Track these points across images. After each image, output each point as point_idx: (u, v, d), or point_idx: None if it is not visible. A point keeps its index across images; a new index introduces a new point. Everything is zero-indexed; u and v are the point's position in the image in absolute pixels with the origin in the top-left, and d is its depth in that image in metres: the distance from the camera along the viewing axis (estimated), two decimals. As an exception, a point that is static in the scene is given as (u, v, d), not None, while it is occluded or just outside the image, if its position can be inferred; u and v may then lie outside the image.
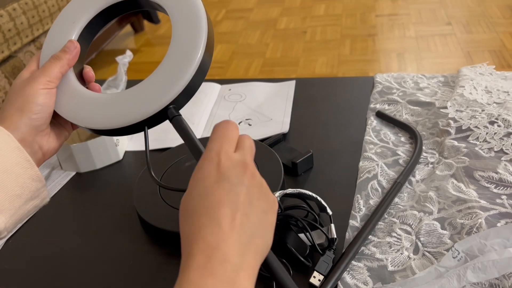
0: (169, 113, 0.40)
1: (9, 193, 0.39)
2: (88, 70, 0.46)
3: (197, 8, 0.42)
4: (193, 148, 0.39)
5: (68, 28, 0.45)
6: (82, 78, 0.46)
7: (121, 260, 0.53)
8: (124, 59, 0.87)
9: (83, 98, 0.43)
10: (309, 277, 0.46)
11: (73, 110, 0.43)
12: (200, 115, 0.77)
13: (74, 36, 0.45)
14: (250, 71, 2.00)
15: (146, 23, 2.51)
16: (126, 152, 0.71)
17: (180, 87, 0.40)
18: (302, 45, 2.17)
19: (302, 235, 0.50)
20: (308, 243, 0.49)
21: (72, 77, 0.44)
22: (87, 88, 0.46)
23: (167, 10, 0.42)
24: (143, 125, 0.41)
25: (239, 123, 0.75)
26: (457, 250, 0.44)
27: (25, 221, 0.42)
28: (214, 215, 0.31)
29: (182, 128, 0.40)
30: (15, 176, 0.39)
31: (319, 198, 0.51)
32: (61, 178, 0.67)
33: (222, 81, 0.88)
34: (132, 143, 0.73)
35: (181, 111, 0.41)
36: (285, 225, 0.50)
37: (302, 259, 0.47)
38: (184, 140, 0.40)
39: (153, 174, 0.41)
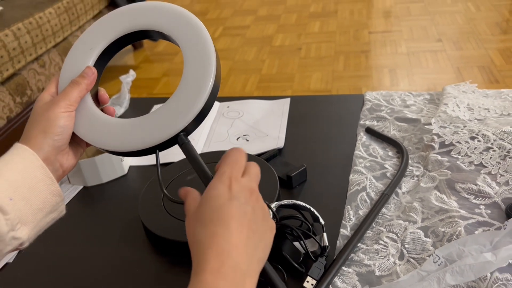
0: (179, 139, 0.45)
1: (32, 207, 0.42)
2: (103, 93, 0.50)
3: (206, 42, 0.46)
4: (200, 172, 0.43)
5: (86, 54, 0.49)
6: (97, 100, 0.50)
7: (126, 268, 0.57)
8: (128, 78, 0.91)
9: (99, 122, 0.47)
10: (303, 282, 0.50)
11: (90, 132, 0.47)
12: (200, 131, 0.82)
13: (91, 62, 0.49)
14: (247, 87, 2.06)
15: (145, 40, 2.57)
16: (131, 167, 0.75)
17: (191, 117, 0.44)
18: (297, 61, 2.23)
19: (296, 243, 0.54)
20: (302, 251, 0.53)
21: (89, 100, 0.48)
22: (102, 109, 0.50)
23: (178, 43, 0.47)
24: (154, 149, 0.45)
25: (237, 139, 0.79)
26: (437, 256, 0.48)
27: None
28: (227, 226, 0.35)
29: (190, 154, 0.44)
30: (38, 191, 0.43)
31: (312, 209, 0.56)
32: (70, 192, 0.71)
33: (220, 99, 0.92)
34: (136, 158, 0.77)
35: None
36: (281, 234, 0.54)
37: (296, 265, 0.51)
38: (192, 164, 0.44)
39: (165, 191, 0.45)
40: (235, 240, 0.35)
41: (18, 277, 0.58)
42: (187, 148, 0.45)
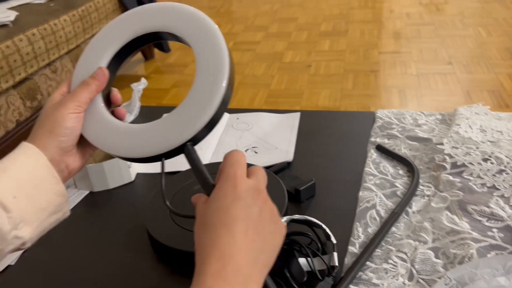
0: (186, 149, 0.43)
1: (36, 207, 0.42)
2: (116, 93, 0.50)
3: (219, 46, 0.44)
4: (203, 183, 0.41)
5: (100, 54, 0.48)
6: (108, 101, 0.50)
7: (129, 275, 0.56)
8: (139, 86, 0.92)
9: (108, 126, 0.46)
10: (308, 301, 0.48)
11: (98, 136, 0.46)
12: (208, 142, 0.81)
13: (104, 63, 0.48)
14: (255, 101, 2.06)
15: (156, 51, 2.59)
16: (138, 174, 0.75)
17: (199, 126, 0.43)
18: (307, 78, 2.23)
19: (304, 260, 0.52)
20: (308, 269, 0.52)
21: (100, 102, 0.47)
22: (113, 111, 0.49)
23: (191, 46, 0.46)
24: (160, 157, 0.44)
25: (245, 151, 0.79)
26: (449, 278, 0.47)
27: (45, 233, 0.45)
28: (230, 228, 0.34)
29: (195, 165, 0.43)
30: (42, 191, 0.42)
31: (324, 226, 0.54)
32: (75, 197, 0.70)
33: (230, 110, 0.92)
34: (143, 165, 0.76)
35: None
36: (289, 250, 0.53)
37: (296, 287, 0.49)
38: (196, 176, 0.42)
39: (167, 203, 0.43)
40: (239, 243, 0.34)
41: (19, 280, 0.57)
42: (192, 159, 0.43)
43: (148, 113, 0.94)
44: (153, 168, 0.76)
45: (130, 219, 0.65)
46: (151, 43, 0.50)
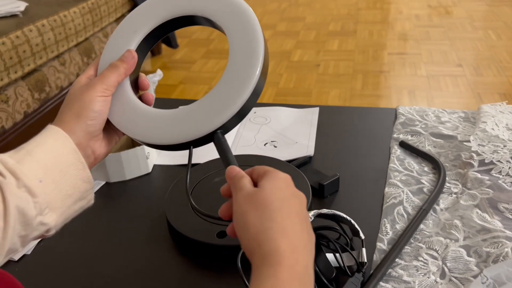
0: (215, 137, 0.42)
1: (62, 192, 0.40)
2: (144, 79, 0.48)
3: (254, 33, 0.43)
4: None
5: (129, 37, 0.46)
6: (136, 86, 0.48)
7: (147, 267, 0.54)
8: (154, 78, 0.90)
9: (135, 110, 0.44)
10: (337, 297, 0.47)
11: (125, 120, 0.44)
12: (226, 135, 0.79)
13: (133, 45, 0.46)
14: (263, 99, 2.04)
15: (164, 47, 2.57)
16: (155, 166, 0.73)
17: (231, 113, 0.41)
18: (315, 77, 2.21)
19: (331, 256, 0.51)
20: (336, 265, 0.50)
21: (127, 86, 0.45)
22: (140, 96, 0.47)
23: (225, 32, 0.44)
24: (189, 145, 0.42)
25: (264, 145, 0.77)
26: (485, 276, 0.45)
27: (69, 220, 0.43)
28: (294, 220, 0.34)
29: (225, 154, 0.41)
30: (68, 176, 0.40)
31: (352, 221, 0.52)
32: (91, 187, 0.68)
33: (247, 104, 0.90)
34: (160, 157, 0.75)
35: None
36: (316, 245, 0.51)
37: (326, 282, 0.48)
38: (225, 164, 0.41)
39: (191, 199, 0.42)
40: (302, 237, 0.33)
41: (35, 270, 0.55)
42: (222, 148, 0.41)
43: (163, 105, 0.92)
44: (170, 160, 0.74)
45: (147, 211, 0.64)
46: (181, 27, 0.48)
